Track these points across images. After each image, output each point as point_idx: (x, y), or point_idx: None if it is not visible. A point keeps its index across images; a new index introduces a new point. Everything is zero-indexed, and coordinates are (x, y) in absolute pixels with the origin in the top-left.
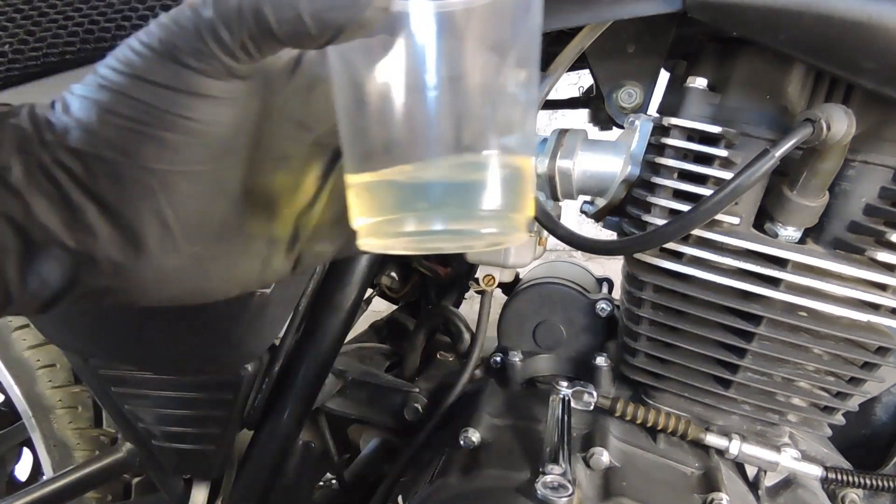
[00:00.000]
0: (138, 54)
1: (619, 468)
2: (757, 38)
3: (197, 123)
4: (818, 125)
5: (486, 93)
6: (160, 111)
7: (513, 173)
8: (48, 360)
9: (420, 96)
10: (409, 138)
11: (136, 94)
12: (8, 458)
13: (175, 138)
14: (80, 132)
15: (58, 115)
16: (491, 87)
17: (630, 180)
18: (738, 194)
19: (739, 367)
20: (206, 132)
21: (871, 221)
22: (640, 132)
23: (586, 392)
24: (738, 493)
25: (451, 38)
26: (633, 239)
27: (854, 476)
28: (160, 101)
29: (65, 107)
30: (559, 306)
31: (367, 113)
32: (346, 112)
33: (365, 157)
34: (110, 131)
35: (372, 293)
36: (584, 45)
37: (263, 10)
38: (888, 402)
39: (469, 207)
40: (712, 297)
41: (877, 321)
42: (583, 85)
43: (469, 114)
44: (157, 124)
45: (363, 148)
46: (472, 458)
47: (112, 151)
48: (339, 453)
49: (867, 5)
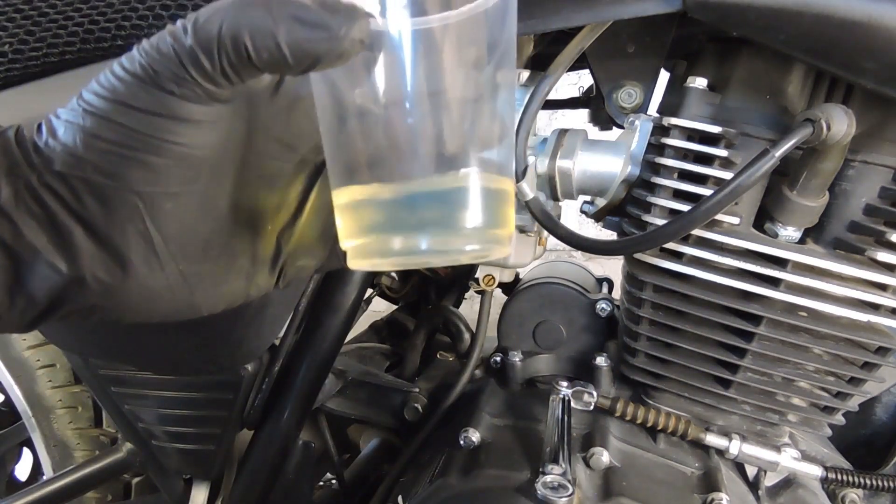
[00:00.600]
0: (121, 80)
1: (619, 468)
2: (757, 38)
3: (181, 147)
4: (818, 125)
5: (466, 108)
6: (144, 136)
7: (494, 189)
8: (48, 360)
9: (401, 114)
10: (391, 156)
11: (120, 120)
12: (8, 458)
13: (160, 161)
14: (66, 156)
15: (44, 139)
16: (471, 103)
17: (630, 180)
18: (738, 194)
19: (739, 367)
20: (190, 155)
21: (871, 221)
22: (640, 132)
23: (586, 392)
24: (738, 493)
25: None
26: (633, 239)
27: (854, 476)
28: (144, 126)
29: (51, 131)
30: (559, 306)
31: (350, 131)
32: (329, 131)
33: (349, 175)
34: (95, 156)
35: (372, 293)
36: (584, 45)
37: (242, 39)
38: (888, 402)
39: (452, 226)
40: (712, 297)
41: (877, 321)
42: (583, 85)
43: (450, 130)
44: (141, 148)
45: (347, 166)
46: (471, 458)
47: (98, 175)
48: (339, 453)
49: (867, 5)
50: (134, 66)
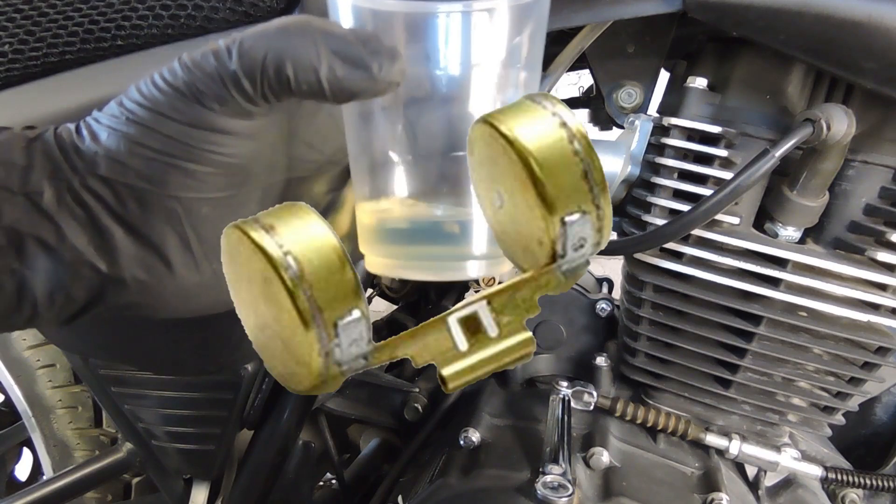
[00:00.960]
0: (163, 93)
1: (619, 468)
2: (757, 38)
3: (220, 157)
4: (818, 125)
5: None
6: (186, 146)
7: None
8: (48, 360)
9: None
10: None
11: (163, 130)
12: (8, 458)
13: (200, 169)
14: (111, 162)
15: (87, 143)
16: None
17: (630, 180)
18: (738, 194)
19: (739, 367)
20: (228, 164)
21: (871, 221)
22: (640, 132)
23: (586, 392)
24: (738, 493)
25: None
26: (633, 239)
27: (854, 476)
28: (186, 137)
29: (93, 136)
30: (559, 306)
31: (374, 142)
32: (354, 139)
33: (369, 184)
34: (139, 162)
35: (372, 293)
36: (584, 45)
37: (285, 70)
38: (888, 402)
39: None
40: (712, 297)
41: (877, 321)
42: (583, 85)
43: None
44: (183, 157)
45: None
46: (471, 458)
47: (140, 180)
48: (339, 453)
49: (867, 5)
50: (177, 81)
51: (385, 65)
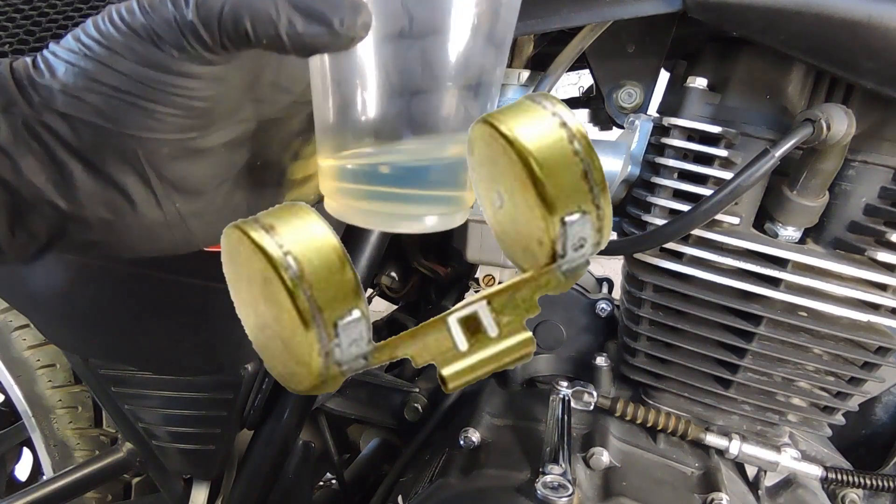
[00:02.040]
0: (120, 32)
1: (619, 468)
2: (757, 38)
3: (180, 98)
4: (818, 125)
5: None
6: (144, 86)
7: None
8: (48, 360)
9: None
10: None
11: (120, 68)
12: (8, 458)
13: (160, 109)
14: (67, 97)
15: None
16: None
17: (630, 180)
18: (738, 194)
19: (739, 367)
20: (189, 105)
21: (871, 221)
22: (640, 132)
23: (586, 392)
24: (738, 493)
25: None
26: (633, 239)
27: (854, 476)
28: (143, 77)
29: (50, 69)
30: (559, 306)
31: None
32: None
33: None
34: (96, 98)
35: (372, 293)
36: (584, 45)
37: (243, 22)
38: (888, 402)
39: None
40: (712, 297)
41: (877, 321)
42: (583, 85)
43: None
44: (141, 95)
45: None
46: (472, 458)
47: (97, 117)
48: (339, 453)
49: (867, 5)
50: (135, 23)
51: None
